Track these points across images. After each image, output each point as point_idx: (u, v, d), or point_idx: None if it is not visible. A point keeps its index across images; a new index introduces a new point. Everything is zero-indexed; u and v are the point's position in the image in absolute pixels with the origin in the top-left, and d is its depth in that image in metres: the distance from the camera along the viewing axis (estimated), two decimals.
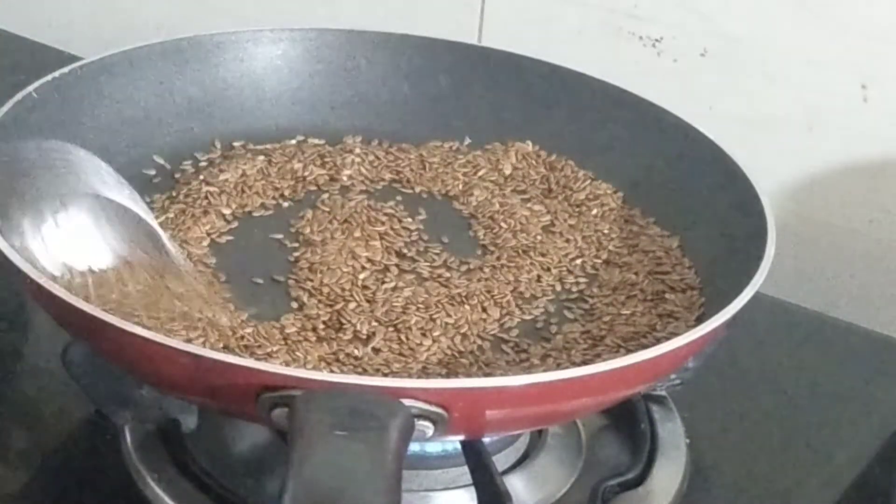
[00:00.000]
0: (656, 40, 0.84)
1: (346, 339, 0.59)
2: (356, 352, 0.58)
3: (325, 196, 0.71)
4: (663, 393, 0.67)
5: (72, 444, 0.64)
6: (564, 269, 0.66)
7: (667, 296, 0.64)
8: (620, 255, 0.67)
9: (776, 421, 0.69)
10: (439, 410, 0.48)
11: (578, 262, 0.67)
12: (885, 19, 0.77)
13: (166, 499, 0.59)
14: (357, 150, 0.74)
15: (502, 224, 0.69)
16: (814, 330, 0.78)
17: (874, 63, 0.78)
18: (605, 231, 0.69)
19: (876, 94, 0.78)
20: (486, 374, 0.58)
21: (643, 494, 0.62)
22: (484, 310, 0.62)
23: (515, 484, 0.61)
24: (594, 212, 0.70)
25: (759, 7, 0.80)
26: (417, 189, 0.73)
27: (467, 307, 0.62)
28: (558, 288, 0.65)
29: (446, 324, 0.61)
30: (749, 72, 0.82)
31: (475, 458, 0.58)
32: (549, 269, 0.66)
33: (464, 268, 0.65)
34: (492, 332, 0.61)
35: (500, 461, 0.61)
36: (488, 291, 0.63)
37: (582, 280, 0.66)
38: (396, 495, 0.45)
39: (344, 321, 0.60)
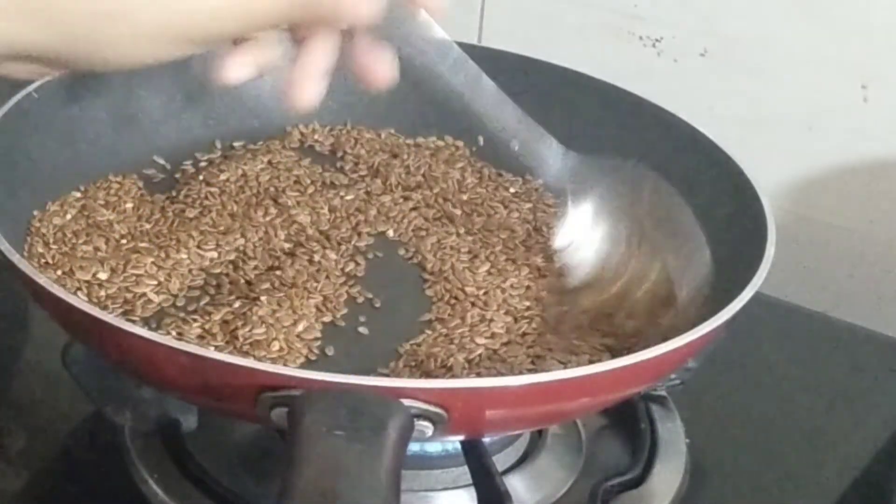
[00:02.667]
0: (656, 40, 0.84)
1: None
2: None
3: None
4: (663, 393, 0.67)
5: (72, 444, 0.64)
6: None
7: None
8: None
9: (776, 421, 0.69)
10: (439, 410, 0.48)
11: None
12: (885, 19, 0.77)
13: (166, 499, 0.59)
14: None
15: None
16: (814, 330, 0.78)
17: (874, 63, 0.78)
18: None
19: (876, 94, 0.78)
20: (486, 374, 0.58)
21: (643, 494, 0.62)
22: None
23: (515, 484, 0.61)
24: None
25: (759, 7, 0.80)
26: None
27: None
28: None
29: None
30: (749, 72, 0.82)
31: (475, 458, 0.58)
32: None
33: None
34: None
35: (500, 461, 0.61)
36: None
37: None
38: (395, 495, 0.45)
39: None
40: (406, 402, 0.47)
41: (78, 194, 0.67)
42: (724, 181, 0.66)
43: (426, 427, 0.48)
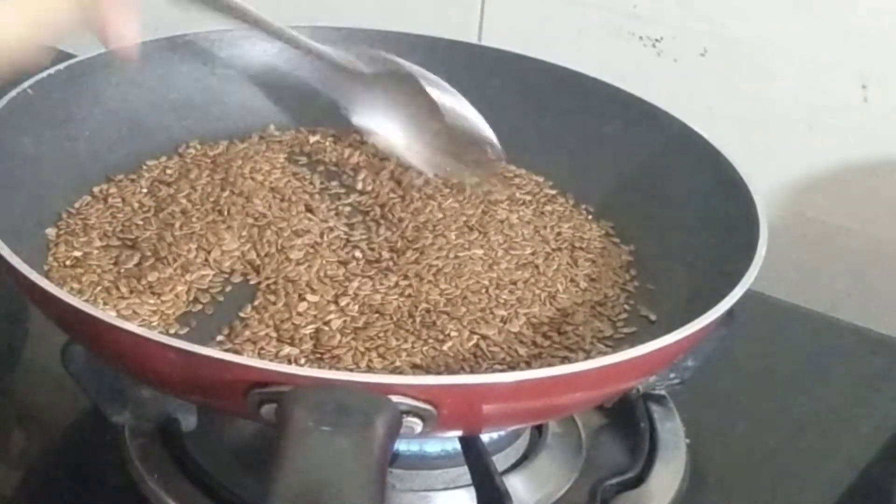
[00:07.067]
0: (656, 40, 0.84)
1: None
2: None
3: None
4: (663, 392, 0.67)
5: (72, 444, 0.64)
6: None
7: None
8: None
9: (776, 421, 0.69)
10: (428, 407, 0.48)
11: None
12: (885, 19, 0.77)
13: (166, 499, 0.59)
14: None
15: None
16: (814, 330, 0.78)
17: (874, 63, 0.78)
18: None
19: (876, 94, 0.78)
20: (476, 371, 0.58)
21: (643, 494, 0.62)
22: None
23: (515, 484, 0.61)
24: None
25: (759, 7, 0.80)
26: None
27: None
28: None
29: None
30: (749, 72, 0.82)
31: (475, 457, 0.58)
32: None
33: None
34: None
35: (500, 461, 0.61)
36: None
37: None
38: (380, 490, 0.45)
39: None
40: (394, 398, 0.48)
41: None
42: (718, 180, 0.66)
43: (415, 423, 0.48)
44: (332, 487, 0.44)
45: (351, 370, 0.57)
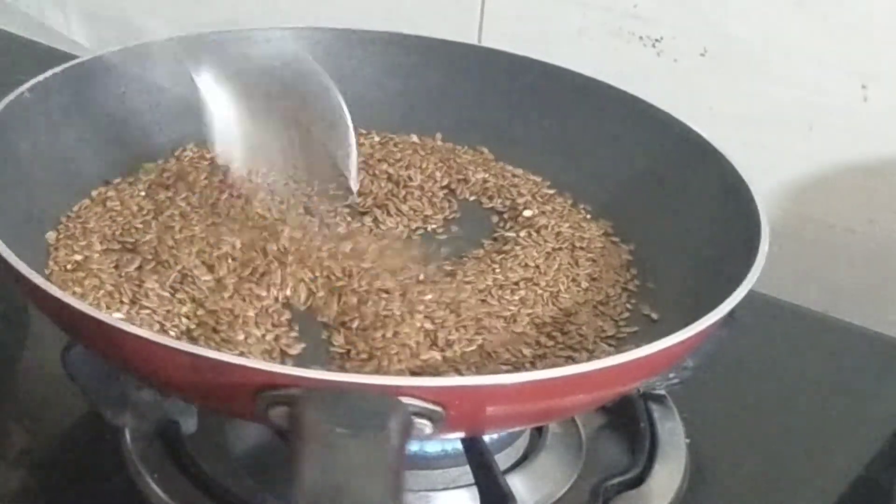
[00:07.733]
0: (656, 40, 0.84)
1: None
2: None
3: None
4: (663, 392, 0.67)
5: (72, 444, 0.64)
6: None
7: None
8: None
9: (776, 421, 0.69)
10: (436, 408, 0.48)
11: None
12: (885, 19, 0.77)
13: (166, 499, 0.59)
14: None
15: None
16: (814, 330, 0.78)
17: (874, 63, 0.78)
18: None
19: (876, 94, 0.78)
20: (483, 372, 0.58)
21: (643, 494, 0.62)
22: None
23: (516, 483, 0.60)
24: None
25: (759, 7, 0.80)
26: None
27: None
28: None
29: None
30: (749, 72, 0.82)
31: (477, 457, 0.58)
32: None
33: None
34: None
35: (501, 461, 0.61)
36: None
37: None
38: (399, 492, 0.45)
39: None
40: (404, 399, 0.48)
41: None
42: (719, 180, 0.66)
43: (425, 425, 0.48)
44: (354, 490, 0.44)
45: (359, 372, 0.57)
